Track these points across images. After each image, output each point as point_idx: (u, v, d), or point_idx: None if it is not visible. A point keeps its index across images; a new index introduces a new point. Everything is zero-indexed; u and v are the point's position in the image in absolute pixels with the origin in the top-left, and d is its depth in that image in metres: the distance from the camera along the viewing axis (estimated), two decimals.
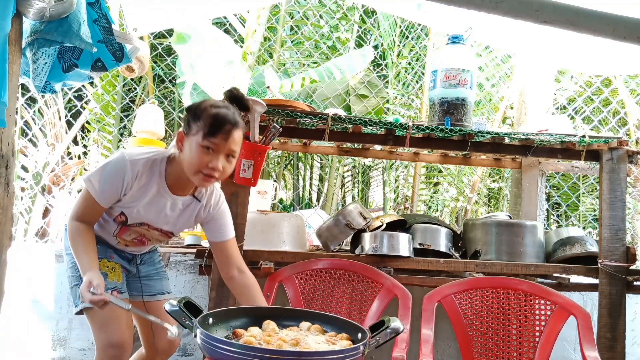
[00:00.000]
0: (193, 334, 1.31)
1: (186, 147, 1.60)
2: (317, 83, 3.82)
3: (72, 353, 2.60)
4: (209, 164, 1.56)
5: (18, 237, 3.13)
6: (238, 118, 1.61)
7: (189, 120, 1.60)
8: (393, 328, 1.34)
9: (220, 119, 1.56)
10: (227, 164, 1.61)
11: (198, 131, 1.56)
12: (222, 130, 1.55)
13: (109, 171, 1.63)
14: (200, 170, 1.58)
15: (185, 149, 1.61)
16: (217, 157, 1.57)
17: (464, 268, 2.41)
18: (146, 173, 1.65)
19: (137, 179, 1.64)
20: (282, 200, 4.88)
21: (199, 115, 1.57)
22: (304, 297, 2.23)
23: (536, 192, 3.06)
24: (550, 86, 3.38)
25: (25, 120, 3.58)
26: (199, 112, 1.58)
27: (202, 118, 1.56)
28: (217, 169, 1.57)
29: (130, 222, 1.74)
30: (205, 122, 1.55)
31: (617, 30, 1.21)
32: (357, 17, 4.59)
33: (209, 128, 1.55)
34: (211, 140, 1.55)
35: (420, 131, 2.33)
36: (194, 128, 1.57)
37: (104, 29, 1.85)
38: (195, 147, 1.56)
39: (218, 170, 1.58)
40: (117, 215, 1.72)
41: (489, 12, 1.22)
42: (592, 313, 2.30)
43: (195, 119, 1.58)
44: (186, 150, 1.60)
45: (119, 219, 1.73)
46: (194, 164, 1.57)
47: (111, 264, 1.81)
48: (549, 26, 1.24)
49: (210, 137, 1.55)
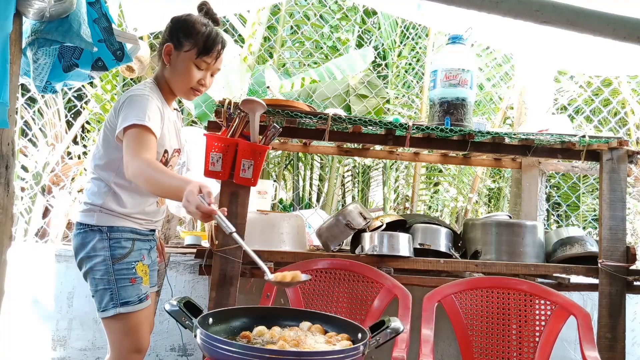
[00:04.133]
0: (193, 334, 1.31)
1: (175, 62, 1.68)
2: (317, 83, 3.82)
3: (72, 353, 2.60)
4: (199, 81, 1.69)
5: (18, 237, 3.13)
6: (224, 38, 1.71)
7: (179, 35, 1.67)
8: (393, 328, 1.34)
9: (215, 40, 1.67)
10: (211, 80, 1.75)
11: (191, 48, 1.65)
12: (215, 50, 1.67)
13: (143, 103, 1.59)
14: (191, 86, 1.70)
15: (175, 63, 1.68)
16: (206, 74, 1.71)
17: (464, 268, 2.41)
18: (158, 98, 1.69)
19: (160, 106, 1.67)
20: (282, 200, 4.88)
21: (191, 32, 1.65)
22: (304, 297, 2.23)
23: (536, 192, 3.06)
24: (550, 86, 3.38)
25: (25, 120, 3.58)
26: (190, 28, 1.66)
27: (194, 36, 1.65)
28: (205, 85, 1.72)
29: (169, 158, 1.76)
30: (198, 40, 1.65)
31: (617, 30, 1.21)
32: (357, 17, 4.60)
33: (203, 47, 1.65)
34: (204, 59, 1.67)
35: (420, 131, 2.33)
36: (186, 44, 1.66)
37: (104, 28, 1.85)
38: (187, 63, 1.67)
39: (205, 85, 1.72)
40: (160, 161, 1.70)
41: (489, 12, 1.22)
42: (592, 313, 2.30)
43: (187, 36, 1.66)
44: (176, 65, 1.68)
45: (162, 163, 1.71)
46: (185, 80, 1.69)
47: (145, 268, 1.75)
48: (549, 26, 1.24)
49: (204, 56, 1.66)
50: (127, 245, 1.69)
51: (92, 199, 1.70)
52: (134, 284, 1.68)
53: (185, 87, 1.71)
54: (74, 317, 2.61)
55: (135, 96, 1.62)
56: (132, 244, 1.71)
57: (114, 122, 1.64)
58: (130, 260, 1.69)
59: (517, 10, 1.20)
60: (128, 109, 1.58)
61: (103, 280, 1.66)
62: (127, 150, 1.53)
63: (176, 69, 1.69)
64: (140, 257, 1.73)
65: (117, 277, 1.65)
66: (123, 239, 1.69)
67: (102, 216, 1.68)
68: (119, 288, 1.65)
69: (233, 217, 2.14)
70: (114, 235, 1.67)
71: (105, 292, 1.65)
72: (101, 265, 1.66)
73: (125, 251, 1.68)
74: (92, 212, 1.68)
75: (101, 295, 1.66)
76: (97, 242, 1.66)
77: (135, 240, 1.72)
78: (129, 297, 1.66)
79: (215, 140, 2.06)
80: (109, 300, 1.65)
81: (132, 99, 1.61)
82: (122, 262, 1.67)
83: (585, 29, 1.23)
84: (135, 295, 1.68)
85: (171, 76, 1.71)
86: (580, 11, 1.20)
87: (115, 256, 1.66)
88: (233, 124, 2.08)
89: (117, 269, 1.66)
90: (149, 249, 1.82)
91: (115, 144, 1.65)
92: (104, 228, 1.67)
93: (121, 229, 1.69)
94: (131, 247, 1.70)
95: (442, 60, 2.44)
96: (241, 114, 2.07)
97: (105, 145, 1.70)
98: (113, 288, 1.64)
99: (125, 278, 1.66)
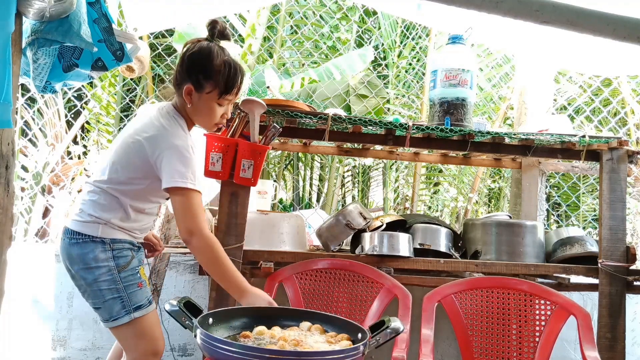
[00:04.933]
0: (193, 334, 1.31)
1: (197, 102, 1.67)
2: (317, 83, 3.82)
3: (72, 353, 2.60)
4: (223, 115, 1.72)
5: (18, 237, 3.13)
6: (242, 67, 1.70)
7: (199, 77, 1.64)
8: (393, 328, 1.34)
9: (235, 77, 1.66)
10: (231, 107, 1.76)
11: (213, 90, 1.64)
12: (236, 86, 1.67)
13: (188, 159, 1.60)
14: (215, 122, 1.72)
15: (197, 104, 1.67)
16: (228, 108, 1.73)
17: (464, 268, 2.41)
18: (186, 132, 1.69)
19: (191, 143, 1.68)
20: (282, 200, 4.88)
21: (211, 73, 1.63)
22: (304, 297, 2.23)
23: (536, 192, 3.06)
24: (550, 86, 3.38)
25: (25, 120, 3.58)
26: (210, 70, 1.63)
27: (215, 76, 1.63)
28: (228, 116, 1.74)
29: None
30: (219, 81, 1.63)
31: (617, 30, 1.21)
32: (357, 17, 4.59)
33: (225, 87, 1.65)
34: (226, 97, 1.67)
35: (420, 131, 2.33)
36: (207, 87, 1.64)
37: (104, 28, 1.84)
38: (210, 104, 1.67)
39: (228, 116, 1.74)
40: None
41: (489, 12, 1.22)
42: (592, 313, 2.30)
43: (207, 77, 1.64)
44: (198, 106, 1.67)
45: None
46: (211, 119, 1.70)
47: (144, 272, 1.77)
48: (549, 26, 1.24)
49: (227, 95, 1.66)
50: (128, 254, 1.71)
51: (100, 213, 1.67)
52: (141, 288, 1.70)
53: (209, 124, 1.73)
54: (74, 317, 2.61)
55: (179, 147, 1.60)
56: (132, 252, 1.73)
57: (145, 155, 1.62)
58: (133, 267, 1.70)
59: (517, 10, 1.20)
60: (174, 162, 1.58)
61: (111, 290, 1.64)
62: (185, 216, 1.59)
63: (198, 109, 1.68)
64: (140, 263, 1.76)
65: (126, 284, 1.66)
66: (125, 249, 1.70)
67: (106, 229, 1.67)
68: (130, 294, 1.66)
69: (233, 217, 2.14)
70: (116, 246, 1.68)
71: (115, 301, 1.64)
72: (106, 275, 1.64)
73: (128, 259, 1.69)
74: (97, 224, 1.66)
75: (110, 306, 1.65)
76: (99, 253, 1.64)
77: (132, 249, 1.75)
78: (140, 301, 1.67)
79: (215, 140, 2.06)
80: (121, 308, 1.65)
81: (177, 150, 1.59)
82: (127, 270, 1.68)
83: (585, 29, 1.23)
84: (145, 298, 1.70)
85: (194, 115, 1.71)
86: (580, 11, 1.20)
87: (120, 265, 1.67)
88: (233, 124, 2.08)
89: (124, 277, 1.67)
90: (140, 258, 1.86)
91: (142, 174, 1.65)
92: (107, 239, 1.66)
93: (122, 240, 1.71)
94: (132, 255, 1.72)
95: (442, 60, 2.44)
96: (241, 114, 2.07)
97: (128, 169, 1.66)
98: (124, 295, 1.65)
99: (133, 284, 1.68)
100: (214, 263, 1.60)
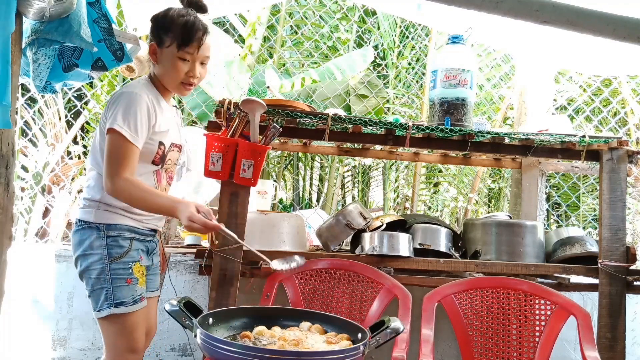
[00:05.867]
0: (193, 334, 1.31)
1: (161, 59, 1.69)
2: (317, 83, 3.83)
3: (72, 353, 2.60)
4: (188, 73, 1.69)
5: (18, 237, 3.13)
6: (204, 23, 1.69)
7: (159, 32, 1.67)
8: (393, 328, 1.34)
9: (191, 28, 1.65)
10: (203, 70, 1.73)
11: (171, 43, 1.65)
12: (195, 39, 1.65)
13: (134, 109, 1.61)
14: (180, 80, 1.70)
15: (161, 61, 1.70)
16: (193, 66, 1.69)
17: (464, 268, 2.41)
18: (151, 94, 1.70)
19: (152, 102, 1.68)
20: (282, 200, 4.88)
21: (168, 26, 1.65)
22: (304, 297, 2.23)
23: (536, 192, 3.06)
24: (550, 86, 3.38)
25: (25, 120, 3.58)
26: (167, 23, 1.66)
27: (172, 29, 1.65)
28: (195, 76, 1.71)
29: (167, 151, 1.76)
30: (176, 33, 1.64)
31: (617, 30, 1.21)
32: (357, 17, 4.60)
33: (182, 38, 1.65)
34: (186, 50, 1.66)
35: (420, 131, 2.33)
36: (166, 40, 1.66)
37: (104, 28, 1.85)
38: (172, 58, 1.67)
39: (196, 77, 1.71)
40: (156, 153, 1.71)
41: (489, 12, 1.22)
42: (592, 313, 2.30)
43: (165, 31, 1.66)
44: (162, 62, 1.69)
45: (158, 155, 1.72)
46: (173, 75, 1.69)
47: (142, 269, 1.73)
48: (549, 26, 1.24)
49: (185, 47, 1.65)
50: (125, 244, 1.67)
51: (91, 193, 1.69)
52: (129, 284, 1.66)
53: (175, 82, 1.72)
54: (74, 317, 2.61)
55: (126, 94, 1.64)
56: (130, 244, 1.69)
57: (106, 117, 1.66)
58: (127, 260, 1.67)
59: (517, 10, 1.20)
60: (118, 108, 1.61)
61: (100, 280, 1.64)
62: (108, 161, 1.59)
63: (163, 66, 1.70)
64: (137, 257, 1.71)
65: (113, 277, 1.64)
66: (121, 237, 1.67)
67: (100, 213, 1.67)
68: (114, 288, 1.64)
69: (233, 217, 2.14)
70: (111, 234, 1.66)
71: (101, 292, 1.64)
72: (97, 264, 1.64)
73: (122, 250, 1.66)
74: (91, 208, 1.67)
75: (97, 295, 1.65)
76: (94, 240, 1.65)
77: (133, 239, 1.70)
78: (123, 298, 1.64)
79: (215, 140, 2.06)
80: (104, 300, 1.64)
81: (123, 97, 1.63)
82: (119, 262, 1.65)
83: (585, 29, 1.23)
84: (130, 296, 1.66)
85: (160, 74, 1.73)
86: (580, 11, 1.20)
87: (112, 255, 1.65)
88: (233, 124, 2.09)
89: (114, 269, 1.64)
90: (148, 250, 1.79)
91: None
92: (102, 225, 1.65)
93: (119, 226, 1.67)
94: (129, 246, 1.68)
95: (442, 60, 2.44)
96: (241, 114, 2.07)
97: (102, 141, 1.68)
98: (108, 287, 1.63)
99: (121, 278, 1.65)
100: (136, 202, 1.61)
